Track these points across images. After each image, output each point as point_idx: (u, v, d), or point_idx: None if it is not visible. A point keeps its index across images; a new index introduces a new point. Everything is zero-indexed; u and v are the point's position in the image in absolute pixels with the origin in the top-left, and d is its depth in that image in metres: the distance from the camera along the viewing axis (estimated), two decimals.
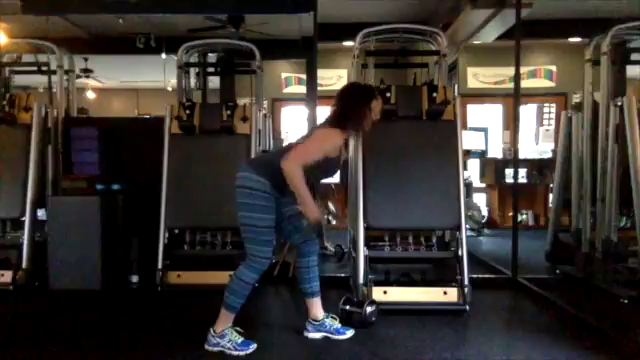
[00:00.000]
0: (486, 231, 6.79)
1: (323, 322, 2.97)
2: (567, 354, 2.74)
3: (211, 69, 5.29)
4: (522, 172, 6.74)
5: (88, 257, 3.98)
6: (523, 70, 6.88)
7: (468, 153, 6.95)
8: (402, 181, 3.65)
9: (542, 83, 8.26)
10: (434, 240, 3.74)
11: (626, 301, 3.63)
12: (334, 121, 2.80)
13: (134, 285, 4.17)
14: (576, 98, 7.28)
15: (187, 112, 4.25)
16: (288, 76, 9.13)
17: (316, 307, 2.98)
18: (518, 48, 4.21)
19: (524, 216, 7.12)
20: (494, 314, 3.57)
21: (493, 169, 7.18)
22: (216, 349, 2.72)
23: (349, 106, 2.82)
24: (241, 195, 2.72)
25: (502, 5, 5.24)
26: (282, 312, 3.67)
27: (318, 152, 2.71)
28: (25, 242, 4.08)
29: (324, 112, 2.95)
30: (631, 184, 3.71)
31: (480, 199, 7.36)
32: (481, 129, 7.82)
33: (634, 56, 4.25)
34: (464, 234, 3.56)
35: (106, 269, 4.03)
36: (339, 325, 2.99)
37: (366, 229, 3.58)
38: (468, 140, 6.88)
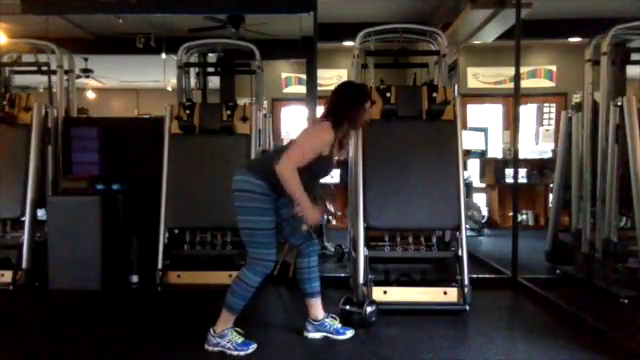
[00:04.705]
0: (486, 231, 6.79)
1: (323, 322, 2.97)
2: (567, 354, 2.74)
3: (211, 69, 5.30)
4: (522, 172, 6.74)
5: (88, 257, 3.97)
6: (523, 70, 6.89)
7: (468, 153, 6.95)
8: (402, 181, 3.65)
9: (542, 83, 8.27)
10: (434, 240, 3.74)
11: (626, 301, 3.63)
12: (326, 117, 2.80)
13: (134, 285, 4.16)
14: (576, 98, 7.29)
15: (187, 112, 4.25)
16: (288, 76, 9.13)
17: (316, 307, 2.97)
18: (518, 48, 4.21)
19: (524, 216, 7.12)
20: (494, 314, 3.57)
21: (493, 169, 7.18)
22: (216, 349, 2.72)
23: (342, 104, 2.82)
24: (239, 199, 2.71)
25: (502, 5, 5.24)
26: (282, 312, 3.67)
27: (310, 150, 2.68)
28: (25, 242, 4.08)
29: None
30: (631, 184, 3.71)
31: (480, 199, 7.36)
32: (481, 129, 7.82)
33: (634, 56, 4.26)
34: (464, 234, 3.55)
35: (106, 269, 4.03)
36: (339, 325, 2.99)
37: (366, 229, 3.57)
38: (468, 140, 6.89)
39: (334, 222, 6.18)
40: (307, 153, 2.67)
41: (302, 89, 8.57)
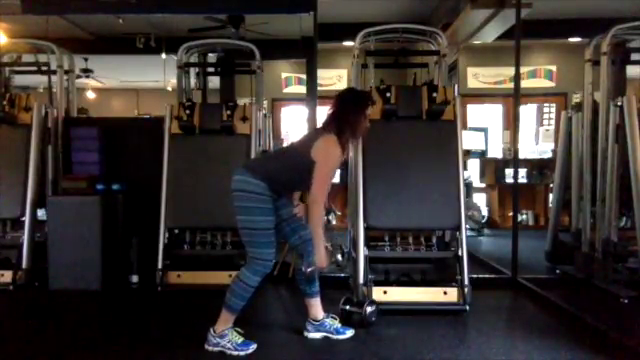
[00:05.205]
0: (486, 231, 6.79)
1: (323, 322, 2.97)
2: (567, 354, 2.73)
3: (211, 69, 5.30)
4: (522, 172, 6.74)
5: (88, 257, 3.97)
6: (523, 70, 6.89)
7: (468, 153, 6.95)
8: (402, 181, 3.65)
9: (542, 83, 8.27)
10: (434, 240, 3.74)
11: (626, 301, 3.63)
12: (331, 126, 2.81)
13: (134, 285, 4.16)
14: (576, 98, 7.29)
15: (187, 112, 4.24)
16: (288, 76, 9.13)
17: (316, 307, 2.97)
18: (518, 48, 4.21)
19: (524, 216, 7.12)
20: (494, 314, 3.57)
21: (493, 169, 7.19)
22: (216, 349, 2.72)
23: (344, 107, 2.85)
24: (238, 199, 2.71)
25: (502, 5, 5.24)
26: (282, 312, 3.67)
27: (330, 173, 2.80)
28: (25, 242, 4.08)
29: (324, 112, 2.95)
30: (631, 184, 3.71)
31: (480, 199, 7.36)
32: (481, 129, 7.82)
33: (634, 56, 4.26)
34: (464, 234, 3.56)
35: (106, 269, 4.03)
36: (339, 325, 2.99)
37: (366, 229, 3.58)
38: (468, 140, 6.88)
39: (334, 222, 6.18)
40: (328, 177, 2.79)
41: (302, 89, 8.57)
